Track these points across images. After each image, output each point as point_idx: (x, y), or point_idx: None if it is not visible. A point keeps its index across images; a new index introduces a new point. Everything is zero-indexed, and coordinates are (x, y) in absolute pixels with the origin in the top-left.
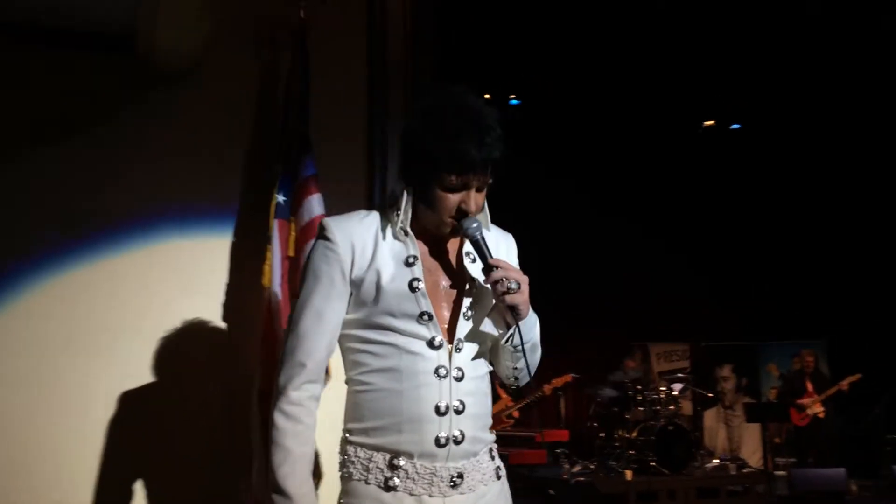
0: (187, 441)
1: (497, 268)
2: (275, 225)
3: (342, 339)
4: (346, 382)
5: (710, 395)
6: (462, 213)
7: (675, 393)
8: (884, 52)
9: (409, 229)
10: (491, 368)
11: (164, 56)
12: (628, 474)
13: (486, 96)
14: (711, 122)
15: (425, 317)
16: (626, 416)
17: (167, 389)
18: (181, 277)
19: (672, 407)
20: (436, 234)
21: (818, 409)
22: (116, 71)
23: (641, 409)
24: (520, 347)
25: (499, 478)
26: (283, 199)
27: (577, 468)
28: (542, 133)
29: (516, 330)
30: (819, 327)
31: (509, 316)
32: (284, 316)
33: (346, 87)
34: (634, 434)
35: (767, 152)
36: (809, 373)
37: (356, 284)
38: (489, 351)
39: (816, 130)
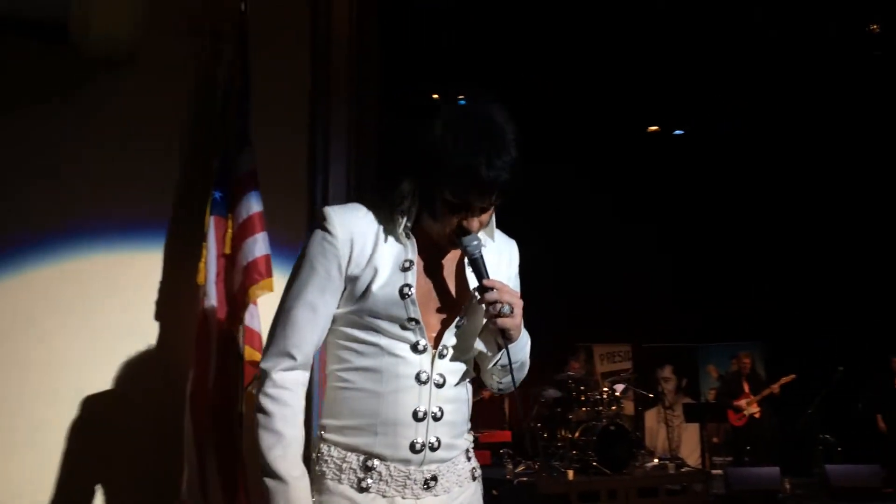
0: (118, 447)
1: (492, 289)
2: (211, 221)
3: (328, 332)
4: (328, 375)
5: (651, 395)
6: (464, 231)
7: (617, 393)
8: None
9: (410, 232)
10: (474, 375)
11: (99, 44)
12: (570, 474)
13: (434, 97)
14: (656, 128)
15: (412, 322)
16: (569, 417)
17: (100, 396)
18: (114, 278)
19: (614, 407)
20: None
21: (754, 410)
22: (46, 60)
23: (584, 409)
24: (508, 367)
25: (474, 479)
26: (220, 194)
27: (520, 468)
28: None
29: (507, 353)
30: (756, 330)
31: (500, 338)
32: (219, 315)
33: (288, 83)
34: (577, 434)
35: (707, 158)
36: (746, 374)
37: (350, 280)
38: (474, 359)
39: (759, 138)
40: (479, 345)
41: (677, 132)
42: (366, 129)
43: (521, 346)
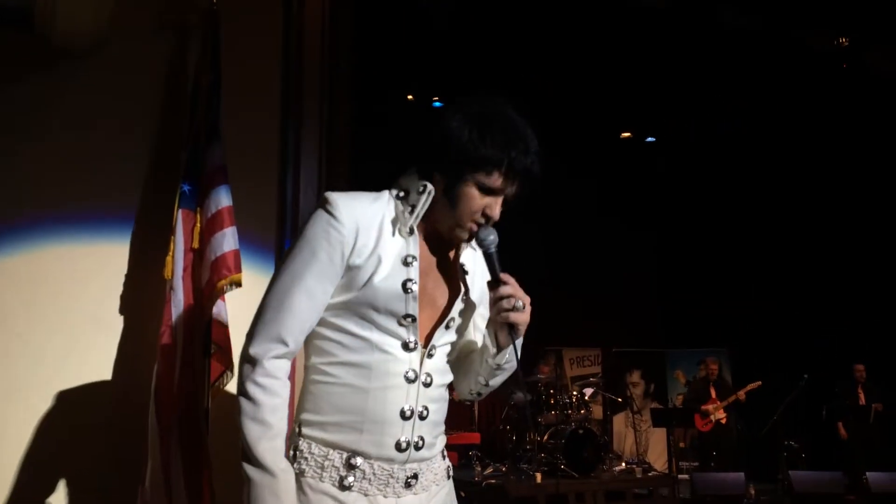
0: (81, 441)
1: (507, 284)
2: (179, 215)
3: (321, 323)
4: (305, 369)
5: (620, 399)
6: (483, 220)
7: (586, 398)
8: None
9: (415, 228)
10: (452, 376)
11: (65, 34)
12: (538, 477)
13: (409, 97)
14: (628, 134)
15: (408, 319)
16: (539, 420)
17: (62, 388)
18: (79, 270)
19: (583, 411)
20: (442, 237)
21: (720, 416)
22: (12, 48)
23: (553, 412)
24: (504, 366)
25: (449, 477)
26: (188, 188)
27: (488, 470)
28: None
29: (512, 349)
30: (723, 336)
31: (505, 335)
32: (186, 310)
33: (259, 77)
34: (545, 437)
35: (677, 166)
36: (713, 380)
37: (351, 269)
38: (455, 362)
39: (732, 146)
40: (487, 340)
41: (649, 139)
42: (337, 125)
43: (519, 346)
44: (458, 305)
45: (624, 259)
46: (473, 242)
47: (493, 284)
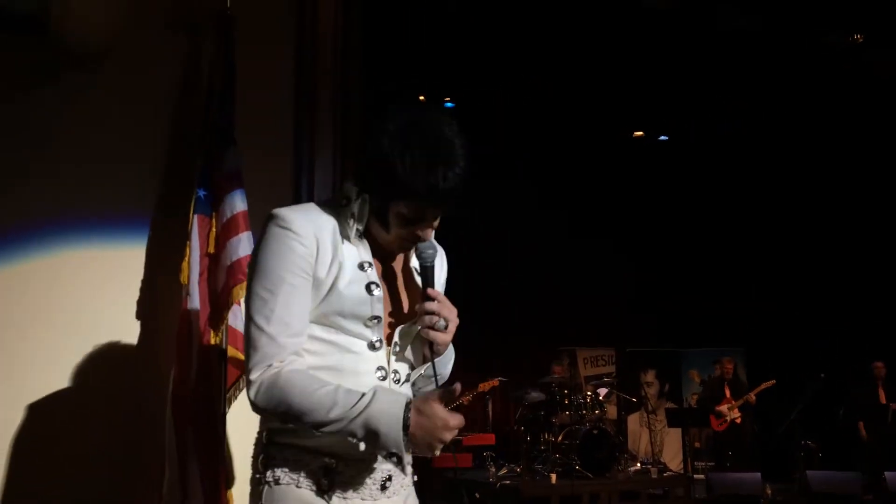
0: (98, 447)
1: (434, 300)
2: (194, 220)
3: None
4: None
5: (634, 399)
6: (419, 239)
7: (600, 398)
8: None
9: (363, 234)
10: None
11: (79, 36)
12: (553, 478)
13: (421, 98)
14: (641, 133)
15: (374, 320)
16: (553, 420)
17: (77, 393)
18: (95, 277)
19: (597, 411)
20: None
21: (735, 415)
22: (25, 52)
23: (568, 413)
24: (432, 378)
25: (413, 481)
26: (204, 193)
27: (503, 471)
28: (475, 136)
29: (431, 363)
30: (739, 335)
31: (427, 349)
32: (202, 315)
33: (273, 81)
34: (560, 438)
35: (691, 165)
36: (728, 379)
37: (315, 279)
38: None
39: (741, 144)
40: (409, 354)
41: (662, 138)
42: (351, 129)
43: (446, 362)
44: (408, 306)
45: (638, 258)
46: (418, 308)
47: (422, 297)
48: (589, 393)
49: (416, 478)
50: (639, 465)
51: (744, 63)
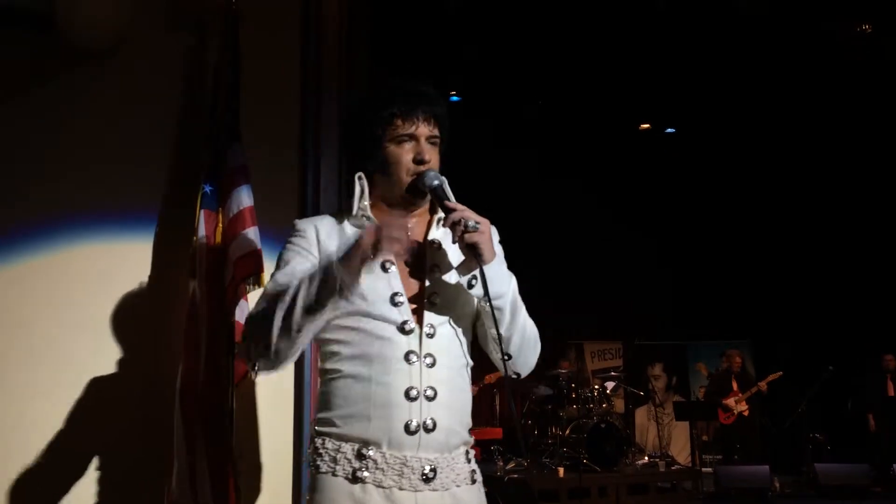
0: (106, 442)
1: (455, 210)
2: (201, 215)
3: (318, 335)
4: (320, 373)
5: (642, 393)
6: (419, 168)
7: (608, 391)
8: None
9: (370, 215)
10: (471, 362)
11: (85, 33)
12: (560, 471)
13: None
14: (647, 126)
15: (398, 297)
16: (560, 414)
17: (86, 388)
18: (103, 272)
19: (605, 405)
20: (400, 212)
21: (743, 408)
22: (32, 50)
23: (575, 406)
24: (495, 302)
25: (473, 482)
26: (210, 188)
27: (510, 465)
28: (482, 129)
29: (482, 274)
30: (746, 328)
31: (472, 260)
32: (209, 310)
33: (278, 77)
34: (567, 431)
35: (697, 157)
36: (736, 372)
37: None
38: (478, 342)
39: (748, 136)
40: (453, 276)
41: (669, 130)
42: None
43: (501, 276)
44: (433, 280)
45: (645, 251)
46: (443, 223)
47: (444, 213)
48: (596, 386)
49: (476, 477)
50: (646, 458)
51: (752, 53)
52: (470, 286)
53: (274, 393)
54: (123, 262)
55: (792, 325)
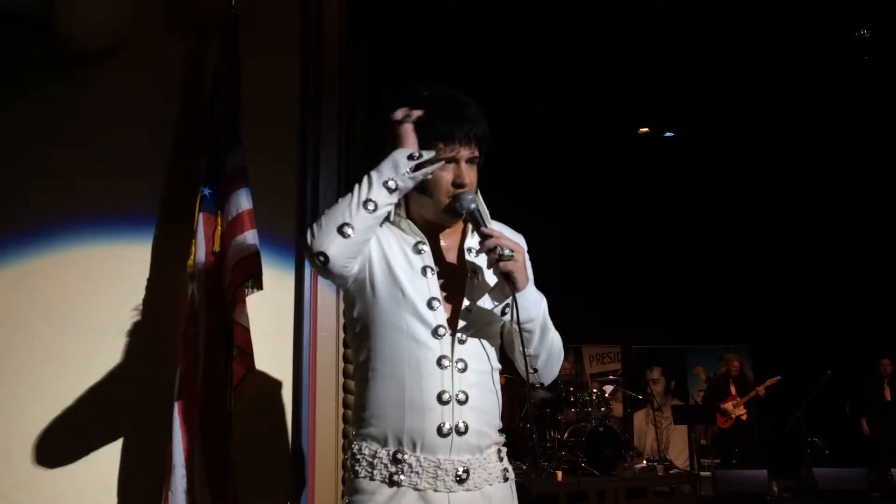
0: (104, 445)
1: (491, 237)
2: (200, 218)
3: (353, 325)
4: (355, 369)
5: (640, 397)
6: (457, 192)
7: (606, 395)
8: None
9: (409, 220)
10: (499, 367)
11: (84, 35)
12: (559, 475)
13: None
14: (646, 130)
15: (434, 302)
16: (559, 417)
17: (84, 391)
18: (102, 275)
19: (603, 408)
20: (433, 225)
21: (741, 412)
22: (31, 53)
23: (573, 410)
24: (525, 325)
25: (506, 480)
26: (209, 191)
27: None
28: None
29: (514, 302)
30: (745, 332)
31: (506, 286)
32: (208, 313)
33: (278, 80)
34: (566, 435)
35: (693, 160)
36: (734, 376)
37: (369, 268)
38: (504, 348)
39: (746, 140)
40: (488, 302)
41: (668, 134)
42: (356, 128)
43: (533, 302)
44: (472, 287)
45: (644, 254)
46: (478, 250)
47: (480, 239)
48: (595, 390)
49: (507, 475)
50: (645, 462)
51: (751, 58)
52: (503, 313)
53: (274, 394)
54: (122, 264)
55: (790, 329)
